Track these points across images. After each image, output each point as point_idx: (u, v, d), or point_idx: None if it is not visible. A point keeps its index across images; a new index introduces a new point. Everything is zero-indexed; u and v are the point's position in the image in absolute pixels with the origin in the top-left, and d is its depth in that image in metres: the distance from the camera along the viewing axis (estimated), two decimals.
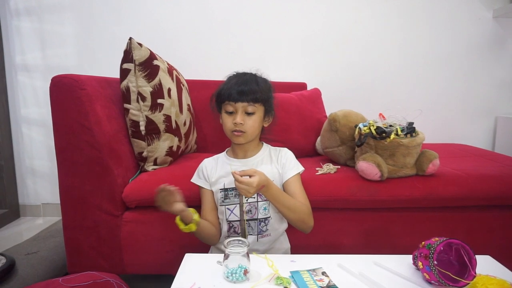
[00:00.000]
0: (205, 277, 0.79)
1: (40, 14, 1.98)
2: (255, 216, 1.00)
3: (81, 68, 2.01)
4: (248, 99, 0.96)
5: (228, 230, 1.02)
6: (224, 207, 1.02)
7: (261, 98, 0.98)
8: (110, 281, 0.94)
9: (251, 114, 0.98)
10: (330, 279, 0.78)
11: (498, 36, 2.04)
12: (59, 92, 1.10)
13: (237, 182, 0.89)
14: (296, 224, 1.00)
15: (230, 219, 1.01)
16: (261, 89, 0.98)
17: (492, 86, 2.09)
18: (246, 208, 1.00)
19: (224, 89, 0.98)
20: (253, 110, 0.97)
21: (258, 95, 0.97)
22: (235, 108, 0.97)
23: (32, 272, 1.23)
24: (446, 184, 1.20)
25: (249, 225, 1.01)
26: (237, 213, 1.01)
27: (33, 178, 2.12)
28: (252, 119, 0.98)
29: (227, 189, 1.02)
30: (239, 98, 0.95)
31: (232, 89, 0.96)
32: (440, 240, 0.75)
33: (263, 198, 1.00)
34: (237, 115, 0.96)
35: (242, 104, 0.96)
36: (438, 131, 2.09)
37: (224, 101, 0.98)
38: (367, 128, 1.22)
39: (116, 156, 1.16)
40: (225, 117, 0.99)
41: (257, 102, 0.98)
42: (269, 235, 1.02)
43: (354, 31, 2.03)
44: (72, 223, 1.17)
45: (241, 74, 1.03)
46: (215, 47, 2.03)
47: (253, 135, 1.01)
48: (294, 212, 0.98)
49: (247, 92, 0.95)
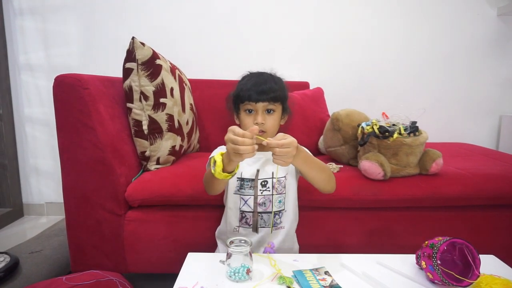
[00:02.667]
0: (208, 276, 0.79)
1: (43, 13, 1.98)
2: (269, 209, 1.00)
3: (84, 67, 2.02)
4: (269, 98, 0.97)
5: (240, 220, 1.02)
6: (239, 196, 1.01)
7: (280, 97, 1.00)
8: (113, 280, 0.94)
9: (271, 113, 0.99)
10: (333, 279, 0.78)
11: (503, 34, 2.03)
12: (62, 92, 1.10)
13: (278, 149, 0.79)
14: (325, 183, 0.97)
15: (243, 209, 1.01)
16: (279, 87, 1.00)
17: (496, 85, 2.08)
18: (260, 200, 1.00)
19: (243, 90, 0.99)
20: (273, 108, 0.99)
21: (277, 93, 0.98)
22: (255, 108, 0.98)
23: (35, 271, 1.23)
24: (449, 184, 1.20)
25: (261, 218, 1.00)
26: (251, 205, 1.00)
27: (36, 177, 2.13)
28: (272, 118, 0.99)
29: (243, 179, 1.01)
30: (260, 98, 0.96)
31: (251, 90, 0.97)
32: (443, 240, 0.74)
33: (278, 191, 1.00)
34: (258, 115, 0.97)
35: (263, 104, 0.97)
36: (442, 130, 2.08)
37: (244, 101, 0.98)
38: (370, 127, 1.22)
39: (119, 156, 1.17)
40: (245, 117, 1.00)
41: (277, 101, 0.99)
42: (283, 227, 1.02)
43: (357, 30, 2.02)
44: (75, 222, 1.17)
45: (257, 74, 1.04)
46: (218, 47, 2.03)
47: (273, 134, 1.00)
48: (324, 170, 0.96)
49: (267, 91, 0.96)
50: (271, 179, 1.00)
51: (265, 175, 1.00)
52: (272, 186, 1.00)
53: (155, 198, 1.16)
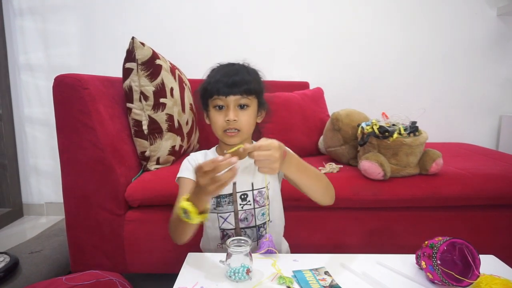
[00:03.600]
0: (208, 277, 0.79)
1: (43, 13, 1.98)
2: (252, 224, 0.91)
3: (84, 67, 2.02)
4: (241, 91, 0.82)
5: (221, 238, 0.92)
6: (217, 215, 0.91)
7: (255, 89, 0.85)
8: (113, 280, 0.94)
9: (245, 108, 0.84)
10: (333, 279, 0.78)
11: (502, 34, 2.03)
12: (62, 92, 1.10)
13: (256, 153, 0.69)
14: (323, 193, 0.86)
15: (223, 227, 0.91)
16: (253, 79, 0.87)
17: (496, 85, 2.08)
18: (241, 216, 0.90)
19: (210, 82, 0.84)
20: (247, 103, 0.84)
21: (251, 85, 0.84)
22: (225, 102, 0.83)
23: (35, 271, 1.23)
24: (449, 184, 1.20)
25: (245, 233, 0.92)
26: (232, 221, 0.91)
27: (36, 177, 2.13)
28: (246, 114, 0.84)
29: (219, 195, 0.89)
30: (230, 91, 0.82)
31: (220, 81, 0.82)
32: (443, 240, 0.74)
33: (260, 204, 0.91)
34: (229, 111, 0.82)
35: (235, 97, 0.82)
36: (442, 130, 2.08)
37: (213, 95, 0.83)
38: (370, 127, 1.22)
39: (119, 156, 1.17)
40: (215, 114, 0.85)
41: (251, 94, 0.84)
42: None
43: (357, 30, 2.02)
44: (75, 222, 1.17)
45: (228, 65, 0.90)
46: (218, 47, 2.03)
47: (249, 133, 0.89)
48: (321, 179, 0.85)
49: (238, 83, 0.82)
50: (251, 191, 0.90)
51: (244, 187, 0.90)
52: (253, 199, 0.90)
53: (155, 198, 1.16)
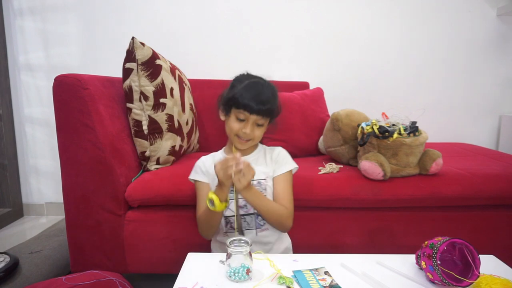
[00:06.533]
0: (208, 277, 0.79)
1: (43, 14, 1.98)
2: (251, 211, 0.99)
3: (84, 67, 2.02)
4: (264, 113, 0.96)
5: (225, 226, 1.01)
6: None
7: (274, 113, 1.00)
8: (113, 280, 0.94)
9: (260, 126, 0.99)
10: (333, 279, 0.78)
11: (502, 34, 2.03)
12: (62, 92, 1.10)
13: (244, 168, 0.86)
14: (272, 223, 1.00)
15: (226, 215, 1.00)
16: (275, 104, 1.00)
17: (496, 85, 2.08)
18: (241, 203, 0.99)
19: (241, 97, 0.95)
20: (263, 123, 0.99)
21: (273, 110, 0.99)
22: (247, 117, 0.96)
23: (35, 271, 1.23)
24: (449, 184, 1.20)
25: (244, 220, 1.00)
26: (233, 208, 0.99)
27: (36, 177, 2.13)
28: (260, 130, 1.00)
29: None
30: (256, 111, 0.95)
31: (251, 100, 0.94)
32: (443, 240, 0.74)
33: None
34: (247, 125, 0.96)
35: (257, 117, 0.96)
36: (442, 130, 2.08)
37: (239, 108, 0.96)
38: (369, 127, 1.22)
39: (119, 156, 1.17)
40: (234, 121, 0.98)
41: (269, 116, 0.99)
42: (268, 229, 1.01)
43: (357, 30, 2.02)
44: (75, 222, 1.17)
45: (257, 83, 0.99)
46: (217, 47, 2.03)
47: (257, 142, 1.05)
48: (271, 216, 0.98)
49: (264, 110, 0.95)
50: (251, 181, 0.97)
51: None
52: None
53: (155, 198, 1.16)
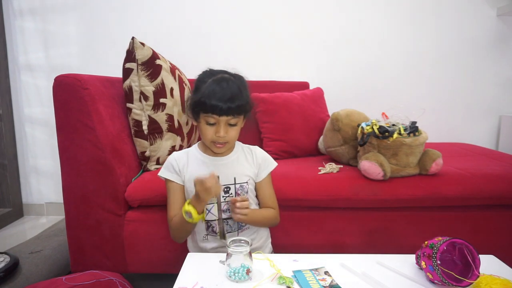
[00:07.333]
0: (208, 277, 0.79)
1: (43, 14, 1.98)
2: None
3: (84, 67, 2.02)
4: (234, 113, 0.90)
5: (206, 229, 0.99)
6: None
7: (245, 110, 0.94)
8: (113, 280, 0.94)
9: (234, 125, 0.94)
10: (333, 279, 0.78)
11: (502, 34, 2.03)
12: (62, 92, 1.10)
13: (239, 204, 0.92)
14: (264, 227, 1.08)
15: (207, 219, 0.98)
16: (245, 99, 0.92)
17: (496, 85, 2.08)
18: (224, 207, 0.98)
19: (207, 100, 0.88)
20: (236, 122, 0.93)
21: (243, 107, 0.92)
22: (217, 120, 0.91)
23: (35, 271, 1.23)
24: (449, 184, 1.20)
25: (227, 223, 0.99)
26: (215, 212, 0.97)
27: (36, 177, 2.13)
28: (235, 129, 0.94)
29: None
30: (226, 112, 0.89)
31: (218, 101, 0.87)
32: (443, 240, 0.74)
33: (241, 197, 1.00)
34: (220, 128, 0.91)
35: (227, 118, 0.90)
36: (442, 130, 2.08)
37: (207, 113, 0.90)
38: (369, 127, 1.22)
39: (119, 156, 1.17)
40: (206, 127, 0.93)
41: (241, 115, 0.93)
42: (248, 227, 1.02)
43: (357, 30, 2.02)
44: (75, 222, 1.17)
45: (221, 79, 0.92)
46: (217, 47, 2.03)
47: (234, 143, 1.02)
48: (265, 224, 1.07)
49: (234, 108, 0.89)
50: (233, 185, 0.99)
51: (227, 181, 0.98)
52: (235, 192, 0.99)
53: (155, 198, 1.16)
